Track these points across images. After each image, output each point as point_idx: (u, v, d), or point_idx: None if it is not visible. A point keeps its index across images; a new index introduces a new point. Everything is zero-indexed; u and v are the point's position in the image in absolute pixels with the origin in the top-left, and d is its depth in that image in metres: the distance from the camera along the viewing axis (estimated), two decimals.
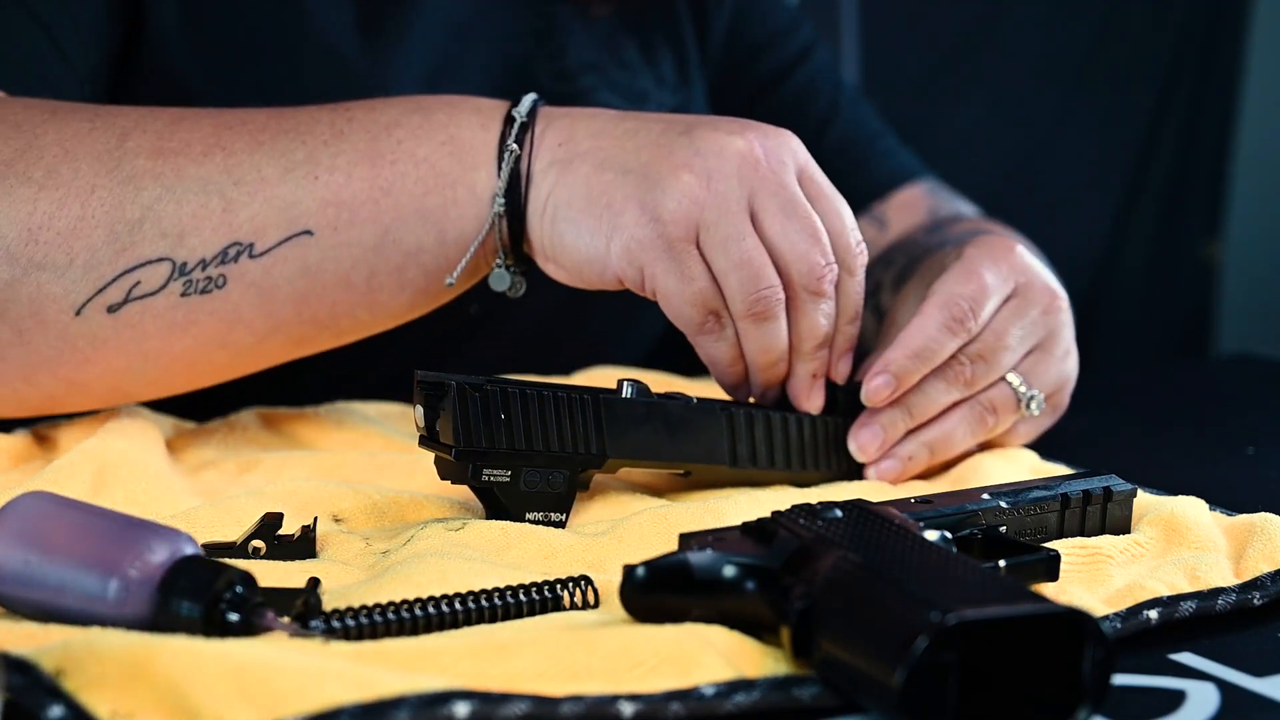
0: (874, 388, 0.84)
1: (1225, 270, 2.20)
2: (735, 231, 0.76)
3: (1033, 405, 0.88)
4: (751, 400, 0.84)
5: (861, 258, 0.82)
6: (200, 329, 0.78)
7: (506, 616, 0.62)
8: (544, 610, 0.63)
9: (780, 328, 0.80)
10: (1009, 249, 0.89)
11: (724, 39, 1.18)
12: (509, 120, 0.80)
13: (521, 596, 0.62)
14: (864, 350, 0.92)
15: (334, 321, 0.81)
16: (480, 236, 0.79)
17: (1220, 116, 2.14)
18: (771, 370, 0.81)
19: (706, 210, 0.76)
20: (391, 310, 0.82)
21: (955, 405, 0.86)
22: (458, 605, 0.61)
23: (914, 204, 1.13)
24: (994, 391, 0.87)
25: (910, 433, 0.85)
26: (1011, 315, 0.86)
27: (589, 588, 0.64)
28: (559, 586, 0.63)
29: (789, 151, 0.79)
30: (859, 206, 1.13)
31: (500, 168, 0.79)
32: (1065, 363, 0.90)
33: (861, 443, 0.84)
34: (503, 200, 0.78)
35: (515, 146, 0.78)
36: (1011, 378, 0.87)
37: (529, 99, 0.81)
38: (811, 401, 0.83)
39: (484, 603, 0.61)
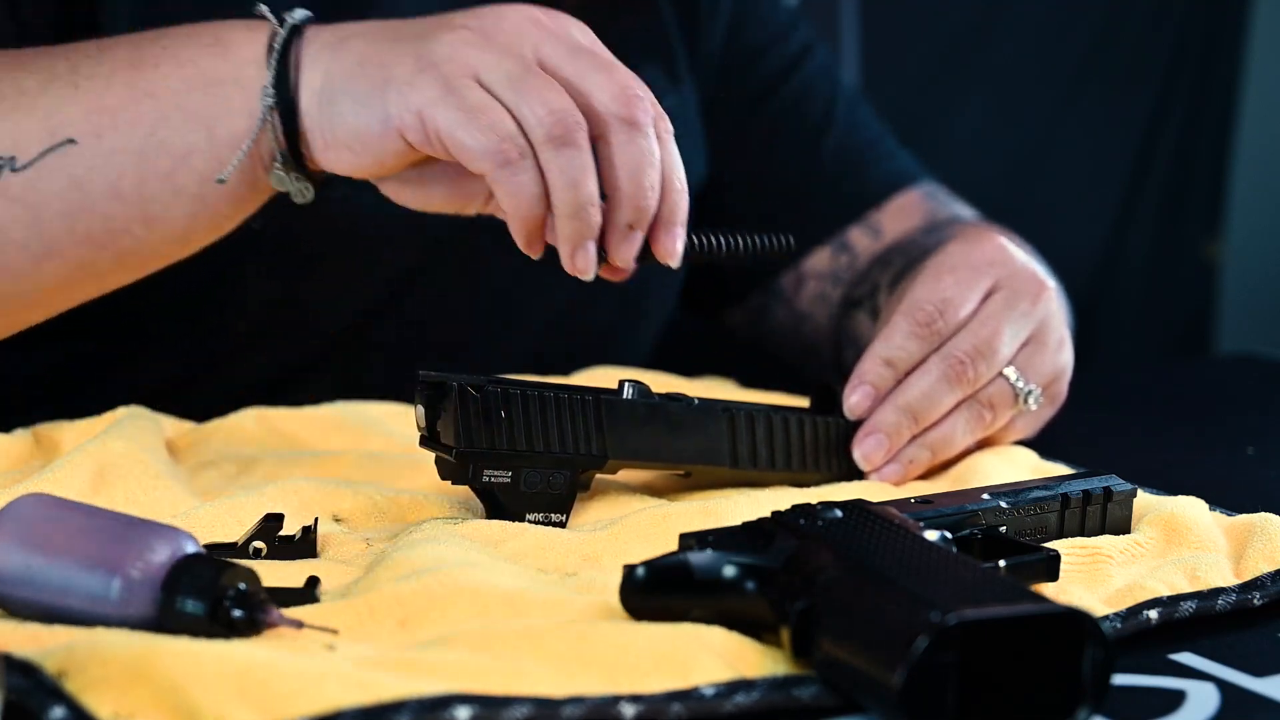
0: (855, 402, 0.85)
1: (1225, 270, 2.20)
2: (520, 68, 0.72)
3: (1030, 400, 0.88)
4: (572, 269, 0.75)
5: (646, 108, 0.74)
6: None
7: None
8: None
9: (585, 158, 0.72)
10: (988, 240, 0.90)
11: (722, 41, 1.18)
12: (281, 22, 0.77)
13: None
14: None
15: (111, 240, 0.78)
16: (253, 133, 0.77)
17: (1220, 116, 2.13)
18: (578, 217, 0.73)
19: (486, 52, 0.72)
20: (169, 226, 0.79)
21: (955, 405, 0.86)
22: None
23: (910, 209, 1.13)
24: (991, 388, 0.87)
25: (912, 437, 0.85)
26: (1002, 307, 0.86)
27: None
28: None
29: (573, 22, 0.75)
30: (856, 214, 1.13)
31: (269, 61, 0.76)
32: (1060, 353, 0.90)
33: (866, 452, 0.84)
34: (272, 91, 0.76)
35: (279, 29, 0.76)
36: (1008, 372, 0.87)
37: (303, 11, 0.78)
38: (621, 254, 0.75)
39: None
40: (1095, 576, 0.69)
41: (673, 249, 0.75)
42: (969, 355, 0.85)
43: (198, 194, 0.78)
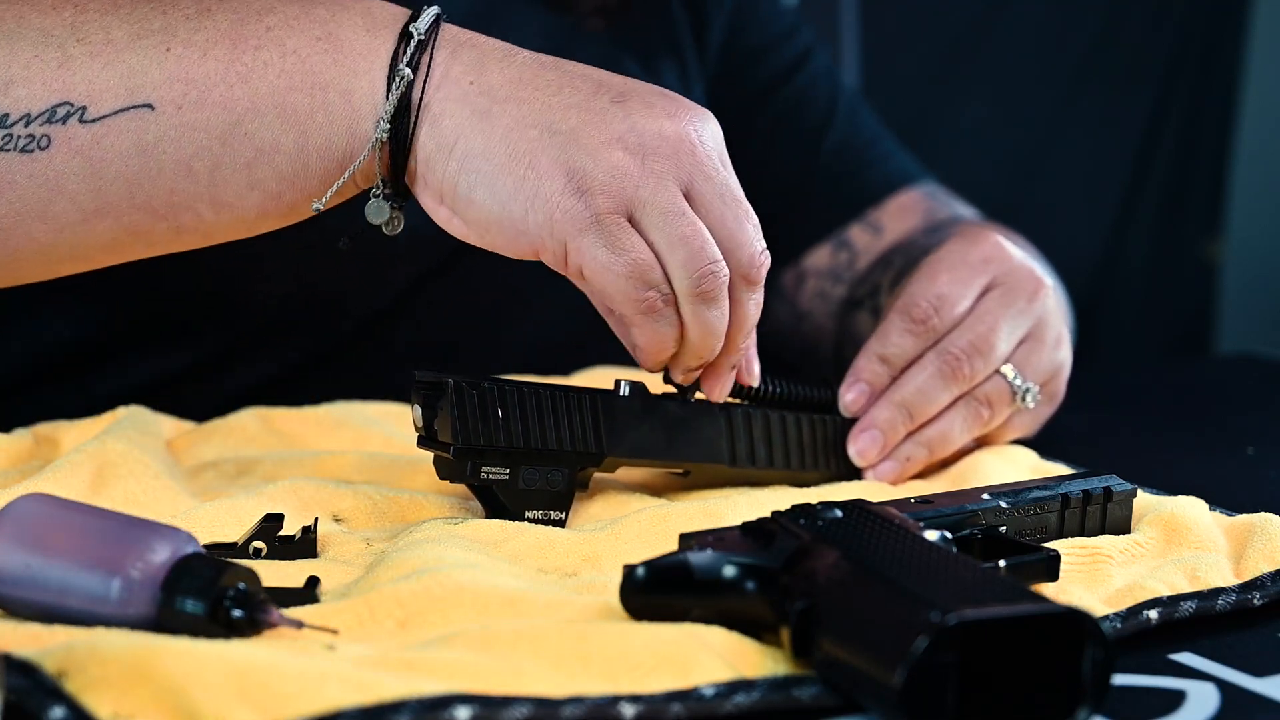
0: (850, 399, 0.85)
1: (1225, 270, 2.20)
2: (674, 208, 0.71)
3: (1028, 398, 0.88)
4: (676, 383, 0.79)
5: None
6: (16, 192, 0.73)
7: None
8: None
9: (725, 310, 0.74)
10: (985, 238, 0.90)
11: (722, 43, 1.18)
12: (405, 35, 0.72)
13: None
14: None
15: (172, 213, 0.74)
16: (359, 161, 0.72)
17: (1220, 116, 2.14)
18: (706, 357, 0.76)
19: (641, 187, 0.70)
20: (237, 213, 0.75)
21: (952, 402, 0.86)
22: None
23: (911, 209, 1.13)
24: (989, 386, 0.87)
25: (909, 434, 0.86)
26: (998, 304, 0.86)
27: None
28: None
29: (716, 140, 0.74)
30: (856, 211, 1.14)
31: (389, 89, 0.71)
32: (1058, 350, 0.90)
33: (861, 448, 0.84)
34: (388, 127, 0.71)
35: (408, 72, 0.71)
36: (1006, 370, 0.87)
37: (431, 12, 0.73)
38: (721, 390, 0.78)
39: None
40: (1095, 576, 0.69)
41: (748, 374, 0.81)
42: (965, 352, 0.85)
43: (275, 191, 0.74)
